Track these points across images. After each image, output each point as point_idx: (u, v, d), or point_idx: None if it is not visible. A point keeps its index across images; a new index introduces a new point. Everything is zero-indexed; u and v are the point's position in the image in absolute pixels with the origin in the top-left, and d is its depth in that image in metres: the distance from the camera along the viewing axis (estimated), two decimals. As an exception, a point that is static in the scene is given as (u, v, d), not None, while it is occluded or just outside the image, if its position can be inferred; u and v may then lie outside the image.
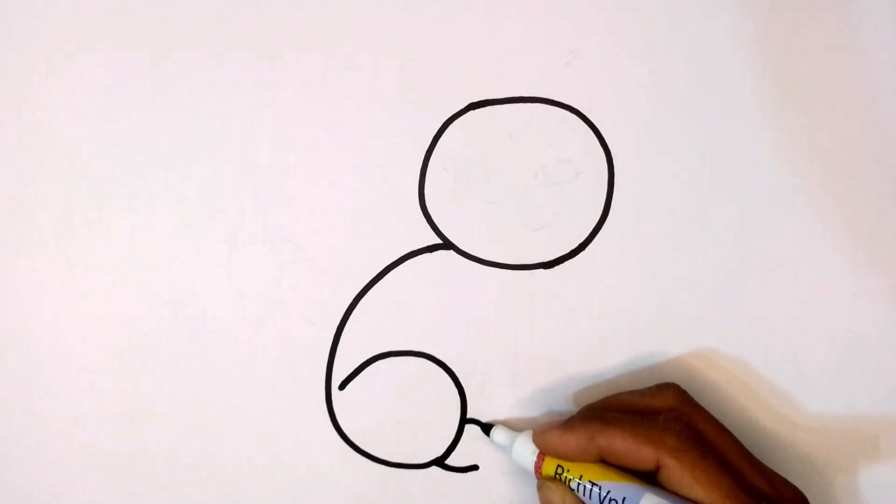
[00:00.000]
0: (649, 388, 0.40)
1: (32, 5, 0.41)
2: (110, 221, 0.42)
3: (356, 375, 0.43)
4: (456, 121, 0.42)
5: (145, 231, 0.42)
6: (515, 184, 0.42)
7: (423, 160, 0.42)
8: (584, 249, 0.42)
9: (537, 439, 0.40)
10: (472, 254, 0.42)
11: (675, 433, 0.37)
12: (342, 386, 0.43)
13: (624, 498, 0.36)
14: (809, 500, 0.38)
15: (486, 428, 0.42)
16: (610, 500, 0.37)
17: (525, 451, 0.40)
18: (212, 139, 0.42)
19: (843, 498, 0.42)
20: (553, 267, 0.42)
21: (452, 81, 0.42)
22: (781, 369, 0.42)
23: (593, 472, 0.38)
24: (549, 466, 0.39)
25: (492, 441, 0.42)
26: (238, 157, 0.42)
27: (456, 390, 0.43)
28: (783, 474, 0.39)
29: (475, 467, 0.43)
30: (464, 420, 0.43)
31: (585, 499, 0.38)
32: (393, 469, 0.43)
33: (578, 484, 0.38)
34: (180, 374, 0.42)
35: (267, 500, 0.43)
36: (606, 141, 0.42)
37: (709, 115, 0.42)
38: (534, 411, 0.43)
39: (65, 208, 0.41)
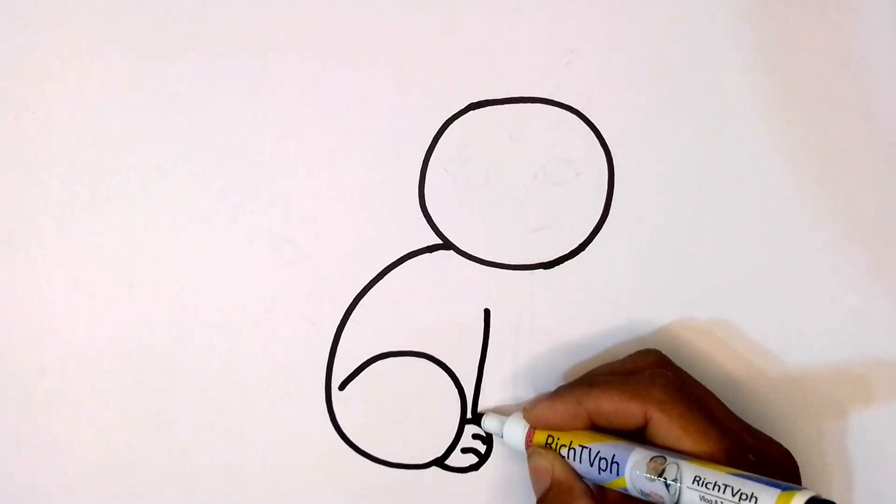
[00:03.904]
0: (630, 355, 0.40)
1: (33, 5, 0.41)
2: (110, 222, 0.42)
3: (356, 375, 0.43)
4: (456, 121, 0.42)
5: (145, 232, 0.42)
6: (515, 184, 0.42)
7: (423, 160, 0.42)
8: (584, 249, 0.42)
9: (527, 414, 0.40)
10: (472, 254, 0.42)
11: (661, 386, 0.37)
12: (342, 386, 0.43)
13: (613, 455, 0.37)
14: (798, 451, 0.38)
15: (478, 419, 0.43)
16: (600, 459, 0.37)
17: (515, 429, 0.41)
18: (212, 139, 0.42)
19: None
20: (553, 267, 0.42)
21: (452, 81, 0.42)
22: (775, 366, 0.42)
23: (583, 438, 0.38)
24: (540, 438, 0.40)
25: (482, 429, 0.42)
26: (238, 158, 0.42)
27: (456, 390, 0.43)
28: (770, 431, 0.39)
29: (475, 467, 0.43)
30: (464, 420, 0.43)
31: (575, 463, 0.38)
32: (393, 469, 0.43)
33: (569, 450, 0.38)
34: (180, 374, 0.42)
35: (267, 499, 0.43)
36: (606, 141, 0.42)
37: (709, 115, 0.42)
38: (534, 411, 0.43)
39: (64, 209, 0.41)
